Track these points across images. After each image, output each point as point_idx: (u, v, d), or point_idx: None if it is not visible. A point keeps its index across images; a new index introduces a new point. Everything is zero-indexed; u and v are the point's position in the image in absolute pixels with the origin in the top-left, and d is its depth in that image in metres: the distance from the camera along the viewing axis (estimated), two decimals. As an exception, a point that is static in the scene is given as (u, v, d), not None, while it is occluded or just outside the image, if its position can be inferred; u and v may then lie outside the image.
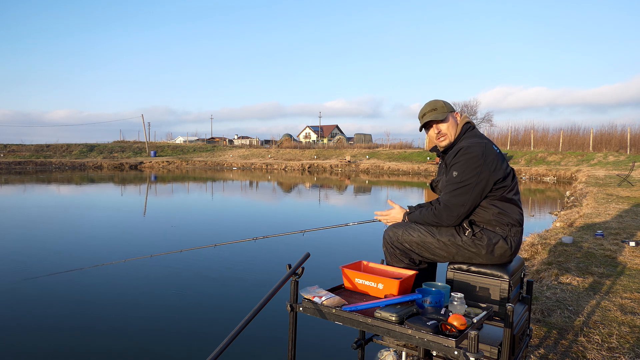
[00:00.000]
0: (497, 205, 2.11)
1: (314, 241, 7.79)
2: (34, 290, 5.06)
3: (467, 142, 2.16)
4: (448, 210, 2.10)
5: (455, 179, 2.09)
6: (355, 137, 56.47)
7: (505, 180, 2.12)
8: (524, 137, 34.97)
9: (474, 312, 1.77)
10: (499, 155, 2.15)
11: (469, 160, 2.07)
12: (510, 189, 2.14)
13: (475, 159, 2.07)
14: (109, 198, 16.37)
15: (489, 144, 2.16)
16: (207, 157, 43.96)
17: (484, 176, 2.06)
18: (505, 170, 2.13)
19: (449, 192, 2.12)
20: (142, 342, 3.76)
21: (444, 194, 2.16)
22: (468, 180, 2.06)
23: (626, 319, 3.02)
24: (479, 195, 2.08)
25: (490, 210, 2.11)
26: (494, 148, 2.16)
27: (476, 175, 2.06)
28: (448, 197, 2.11)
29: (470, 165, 2.06)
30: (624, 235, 5.70)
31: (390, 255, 2.31)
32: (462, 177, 2.07)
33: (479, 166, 2.06)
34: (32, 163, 37.68)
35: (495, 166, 2.09)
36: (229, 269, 6.03)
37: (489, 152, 2.10)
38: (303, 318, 2.01)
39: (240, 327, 1.64)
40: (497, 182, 2.10)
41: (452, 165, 2.14)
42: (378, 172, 31.19)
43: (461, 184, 2.07)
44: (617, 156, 25.14)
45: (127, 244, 7.63)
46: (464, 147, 2.13)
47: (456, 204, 2.08)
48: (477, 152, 2.08)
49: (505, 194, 2.12)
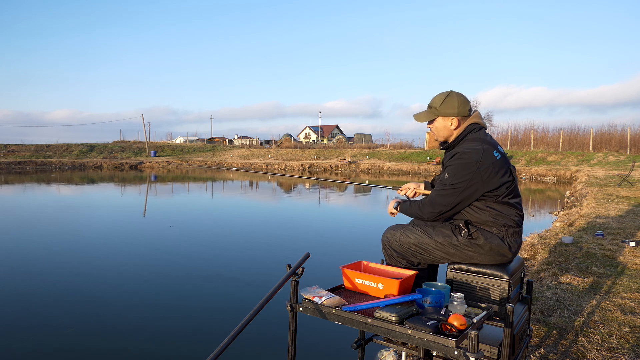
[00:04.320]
0: (493, 207, 2.10)
1: (314, 241, 7.80)
2: (34, 290, 5.06)
3: (466, 146, 2.11)
4: (431, 207, 2.14)
5: (445, 181, 2.11)
6: (355, 137, 56.52)
7: (498, 189, 2.08)
8: (524, 137, 34.98)
9: (474, 312, 1.77)
10: (498, 163, 2.08)
11: (461, 165, 2.05)
12: (506, 194, 2.10)
13: (468, 166, 2.04)
14: (109, 198, 16.37)
15: (488, 150, 2.08)
16: (207, 157, 43.95)
17: (474, 184, 2.04)
18: (501, 178, 2.07)
19: (437, 191, 2.14)
20: (142, 342, 3.76)
21: (433, 190, 2.20)
22: (457, 185, 2.06)
23: (626, 319, 3.02)
24: (465, 201, 2.09)
25: (486, 212, 2.10)
26: (493, 154, 2.08)
27: (465, 182, 2.04)
28: (435, 194, 2.14)
29: (463, 170, 2.05)
30: (624, 235, 5.69)
31: (389, 257, 2.32)
32: (451, 181, 2.07)
33: (470, 173, 2.03)
34: (32, 163, 37.67)
35: (489, 175, 2.04)
36: (229, 269, 6.03)
37: (486, 159, 2.05)
38: (303, 318, 2.01)
39: (240, 327, 1.64)
40: (490, 191, 2.07)
41: (446, 167, 2.15)
42: (378, 172, 31.19)
43: (449, 187, 2.08)
44: (617, 156, 25.13)
45: (127, 244, 7.63)
46: (461, 151, 2.10)
47: (440, 203, 2.11)
48: (471, 160, 2.04)
49: (500, 199, 2.10)
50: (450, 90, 2.25)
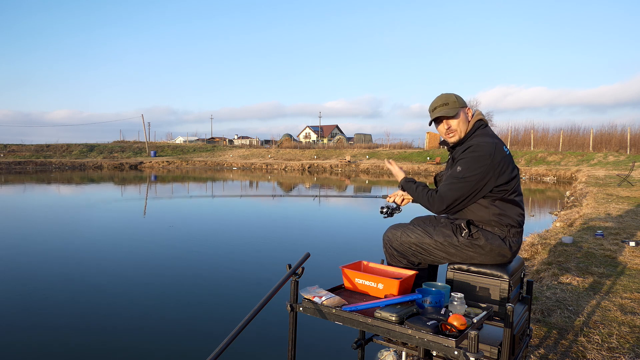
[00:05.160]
0: (497, 205, 2.10)
1: (314, 241, 7.80)
2: (33, 289, 5.06)
3: (478, 140, 2.12)
4: (441, 200, 2.10)
5: (457, 174, 2.07)
6: (355, 137, 56.49)
7: (508, 184, 2.09)
8: (524, 137, 34.98)
9: (474, 312, 1.77)
10: (508, 158, 2.11)
11: (476, 158, 2.05)
12: (513, 191, 2.12)
13: (483, 158, 2.04)
14: (109, 198, 16.36)
15: (499, 144, 2.11)
16: (207, 157, 43.95)
17: (487, 177, 2.04)
18: (510, 173, 2.10)
19: (448, 184, 2.10)
20: (142, 341, 3.76)
21: (442, 184, 2.15)
22: (470, 177, 2.04)
23: (626, 319, 3.02)
24: (476, 194, 2.07)
25: (490, 210, 2.10)
26: (504, 149, 2.12)
27: (479, 174, 2.03)
28: (446, 188, 2.10)
29: (476, 163, 2.04)
30: (624, 235, 5.69)
31: (389, 256, 2.32)
32: (464, 173, 2.05)
33: (484, 166, 2.03)
34: (32, 163, 37.67)
35: (501, 169, 2.06)
36: (229, 269, 6.03)
37: (498, 153, 2.07)
38: (303, 318, 2.01)
39: (240, 327, 1.64)
40: (500, 186, 2.08)
41: (459, 160, 2.12)
42: (378, 172, 31.18)
43: (462, 180, 2.05)
44: (617, 156, 25.13)
45: (127, 244, 7.63)
46: (474, 144, 2.10)
47: (451, 197, 2.07)
48: (486, 152, 2.04)
49: (506, 196, 2.10)
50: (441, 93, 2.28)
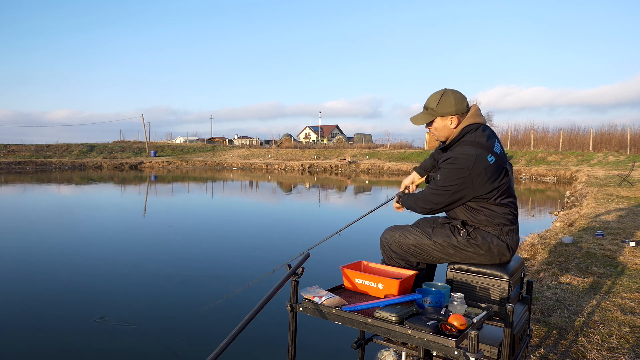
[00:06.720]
0: (486, 207, 2.11)
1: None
2: (33, 289, 5.06)
3: (460, 150, 2.09)
4: (423, 203, 2.20)
5: (437, 182, 2.14)
6: (355, 137, 56.49)
7: (489, 194, 2.07)
8: (524, 137, 34.97)
9: (474, 312, 1.77)
10: (491, 168, 2.04)
11: (452, 170, 2.06)
12: (499, 195, 2.09)
13: (460, 171, 2.04)
14: (109, 198, 16.36)
15: (482, 154, 2.04)
16: (207, 157, 43.94)
17: (464, 190, 2.06)
18: (492, 184, 2.05)
19: (430, 189, 2.18)
20: (142, 341, 3.76)
21: (427, 187, 2.25)
22: (448, 187, 2.08)
23: (626, 319, 3.02)
24: (455, 202, 2.13)
25: (481, 212, 2.12)
26: (487, 159, 2.04)
27: (455, 186, 2.06)
28: (428, 192, 2.18)
29: (454, 175, 2.06)
30: (624, 235, 5.69)
31: (387, 258, 2.32)
32: (442, 183, 2.10)
33: (460, 178, 2.04)
34: (32, 163, 37.66)
35: (480, 181, 2.03)
36: (229, 268, 6.03)
37: (478, 166, 2.02)
38: (303, 318, 2.01)
39: (240, 327, 1.64)
40: (480, 196, 2.08)
41: (439, 168, 2.16)
42: (378, 172, 31.18)
43: (440, 188, 2.11)
44: (617, 156, 25.13)
45: (127, 244, 7.63)
46: (453, 156, 2.08)
47: (431, 201, 2.17)
48: (463, 166, 2.03)
49: (492, 201, 2.10)
50: (445, 89, 2.19)
